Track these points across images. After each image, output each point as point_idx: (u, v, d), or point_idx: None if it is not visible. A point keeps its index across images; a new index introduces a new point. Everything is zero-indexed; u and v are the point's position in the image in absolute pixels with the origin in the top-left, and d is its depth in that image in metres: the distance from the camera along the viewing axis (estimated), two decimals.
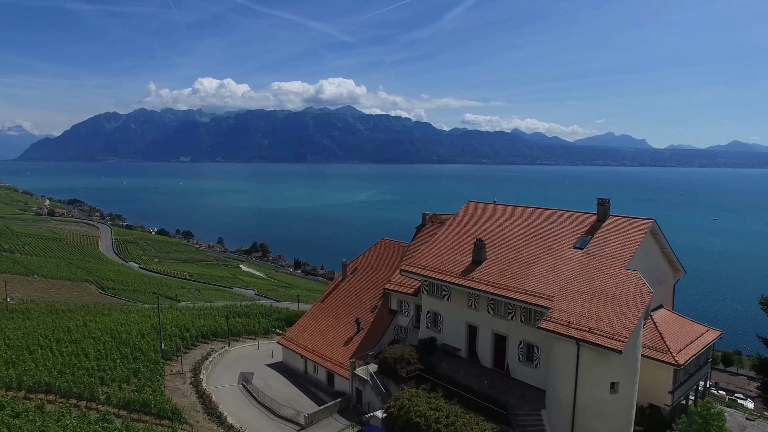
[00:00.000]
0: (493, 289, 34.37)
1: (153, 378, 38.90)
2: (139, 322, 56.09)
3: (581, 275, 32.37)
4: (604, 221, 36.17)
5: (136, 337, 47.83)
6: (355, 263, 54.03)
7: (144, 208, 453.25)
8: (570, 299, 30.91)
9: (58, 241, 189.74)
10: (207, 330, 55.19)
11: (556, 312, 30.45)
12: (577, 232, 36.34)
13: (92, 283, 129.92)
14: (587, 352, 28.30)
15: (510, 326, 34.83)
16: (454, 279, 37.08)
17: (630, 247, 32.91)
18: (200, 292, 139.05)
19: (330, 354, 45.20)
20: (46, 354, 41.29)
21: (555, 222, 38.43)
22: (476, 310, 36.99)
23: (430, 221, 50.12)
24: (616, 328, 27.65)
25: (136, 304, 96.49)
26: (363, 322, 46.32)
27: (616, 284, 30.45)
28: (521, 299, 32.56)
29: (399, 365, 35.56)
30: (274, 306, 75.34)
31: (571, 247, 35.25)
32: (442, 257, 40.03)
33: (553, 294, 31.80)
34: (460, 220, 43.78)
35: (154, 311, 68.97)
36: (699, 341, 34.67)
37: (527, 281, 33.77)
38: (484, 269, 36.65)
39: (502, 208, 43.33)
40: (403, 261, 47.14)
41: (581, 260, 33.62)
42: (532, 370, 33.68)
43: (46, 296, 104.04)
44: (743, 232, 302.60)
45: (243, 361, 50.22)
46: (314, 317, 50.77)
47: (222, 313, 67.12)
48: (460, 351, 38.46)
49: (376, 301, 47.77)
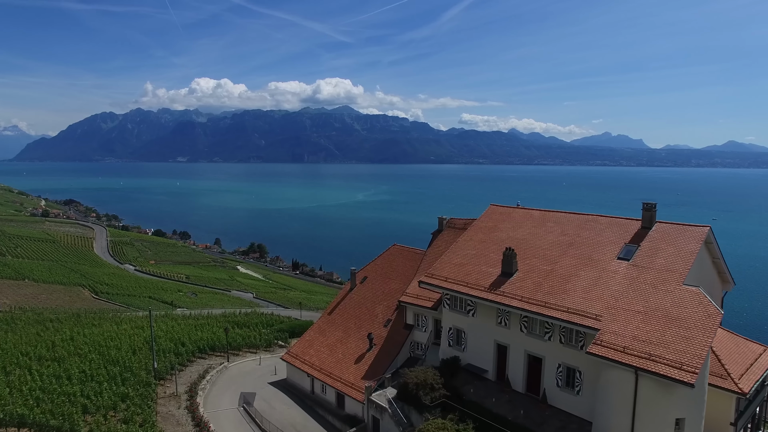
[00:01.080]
0: (529, 306, 30.36)
1: (143, 404, 34.74)
2: (130, 334, 51.94)
3: (631, 291, 28.39)
4: (649, 228, 32.23)
5: (126, 354, 43.68)
6: (364, 271, 50.00)
7: (141, 208, 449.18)
8: (622, 320, 26.94)
9: (51, 243, 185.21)
10: (204, 344, 51.06)
11: (607, 334, 26.48)
12: (620, 241, 32.37)
13: (85, 287, 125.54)
14: (648, 383, 24.36)
15: (547, 347, 30.85)
16: (482, 293, 33.09)
17: (685, 258, 28.95)
18: (197, 296, 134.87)
19: (339, 373, 41.16)
20: (23, 376, 37.03)
21: (593, 229, 34.47)
22: (506, 328, 33.02)
23: (448, 226, 46.09)
24: (683, 355, 23.70)
25: (129, 311, 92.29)
26: (376, 338, 42.29)
27: (676, 302, 26.49)
28: (564, 318, 28.56)
29: (422, 391, 31.56)
30: (275, 314, 71.22)
31: (615, 257, 31.28)
32: (465, 268, 36.04)
33: (600, 313, 27.82)
34: (484, 225, 39.77)
35: (148, 321, 64.91)
36: (759, 363, 30.73)
37: (568, 297, 29.80)
38: (515, 282, 32.68)
39: (529, 212, 39.37)
40: (420, 269, 43.27)
41: (629, 273, 29.66)
42: (573, 398, 29.69)
43: (36, 302, 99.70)
44: (745, 232, 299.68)
45: (244, 379, 46.17)
46: (321, 331, 46.70)
47: (220, 322, 63.18)
48: (487, 373, 34.50)
49: (390, 314, 43.73)
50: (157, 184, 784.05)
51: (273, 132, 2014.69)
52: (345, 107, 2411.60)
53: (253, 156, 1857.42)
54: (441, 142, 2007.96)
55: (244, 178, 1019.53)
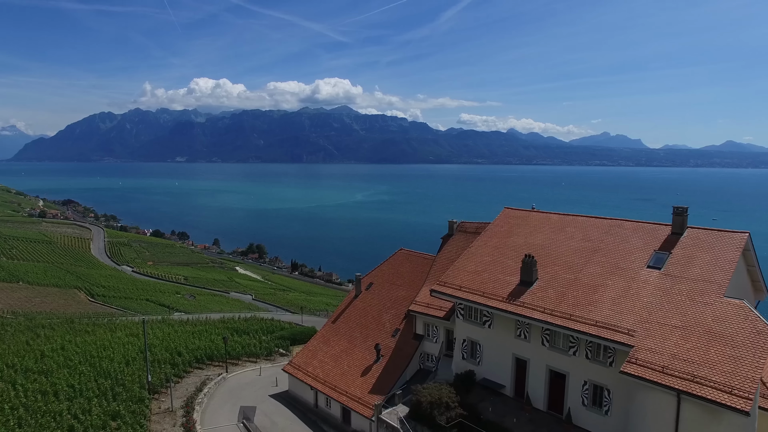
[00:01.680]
0: (553, 319, 28.04)
1: (136, 423, 32.34)
2: (125, 342, 49.54)
3: (666, 303, 26.07)
4: (681, 234, 29.91)
5: (119, 366, 41.23)
6: (369, 277, 47.60)
7: (139, 208, 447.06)
8: (658, 335, 24.62)
9: (47, 244, 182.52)
10: (202, 353, 48.63)
11: (642, 352, 24.16)
12: (648, 248, 30.06)
13: (81, 289, 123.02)
14: (692, 407, 22.05)
15: (571, 362, 28.52)
16: (500, 304, 30.75)
17: (725, 267, 26.61)
18: (195, 298, 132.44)
19: (345, 386, 38.79)
20: (7, 392, 34.52)
21: (617, 234, 32.15)
22: (526, 341, 30.69)
23: (458, 230, 43.71)
24: (733, 378, 21.40)
25: (126, 315, 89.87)
26: (383, 348, 39.92)
27: (718, 317, 24.17)
28: (593, 333, 26.23)
29: (436, 410, 29.20)
30: (275, 320, 68.78)
31: (645, 266, 28.94)
32: (481, 276, 33.71)
33: (633, 327, 25.49)
34: (498, 230, 37.44)
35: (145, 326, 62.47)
36: None
37: (595, 309, 27.47)
38: (536, 292, 30.35)
39: (547, 216, 37.04)
40: (430, 276, 40.92)
41: (661, 284, 27.33)
42: (601, 418, 27.35)
43: (30, 306, 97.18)
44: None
45: (243, 392, 43.75)
46: (325, 340, 44.32)
47: (218, 329, 60.86)
48: (505, 388, 32.18)
49: (398, 323, 41.37)
50: (155, 184, 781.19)
51: (272, 132, 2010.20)
52: (344, 107, 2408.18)
53: (251, 156, 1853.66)
54: (440, 142, 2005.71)
55: (242, 178, 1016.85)
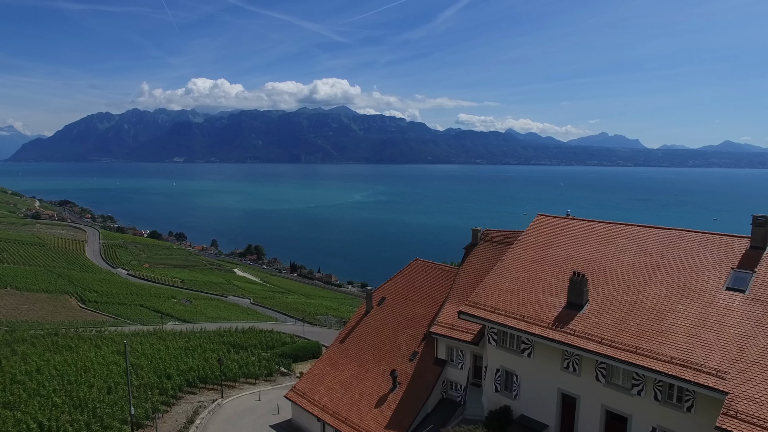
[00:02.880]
0: (615, 353, 23.14)
1: None
2: (109, 363, 44.59)
3: (761, 336, 21.24)
4: (764, 249, 25.04)
5: (98, 395, 36.26)
6: (381, 291, 42.62)
7: (136, 209, 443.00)
8: (758, 380, 19.75)
9: (40, 247, 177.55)
10: (194, 375, 43.68)
11: (741, 402, 19.29)
12: (723, 265, 25.18)
13: (72, 295, 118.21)
14: None
15: (635, 404, 23.65)
16: (546, 332, 25.85)
17: None
18: (191, 303, 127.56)
19: (357, 419, 33.88)
20: None
21: (681, 248, 27.24)
22: (576, 375, 25.82)
23: (483, 239, 38.79)
24: None
25: (116, 324, 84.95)
26: (400, 375, 35.05)
27: None
28: (671, 374, 21.38)
29: None
30: (276, 332, 63.81)
31: (723, 287, 24.08)
32: (518, 296, 28.83)
33: (722, 368, 20.67)
34: (534, 241, 32.56)
35: (135, 338, 57.65)
36: None
37: (667, 342, 22.60)
38: (589, 317, 25.47)
39: (591, 225, 32.14)
40: (453, 291, 35.98)
41: (749, 310, 22.44)
42: None
43: (16, 314, 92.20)
44: (746, 232, 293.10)
45: (241, 420, 38.85)
46: (332, 363, 39.39)
47: (214, 343, 56.01)
48: (548, 429, 27.33)
49: (416, 345, 36.46)
50: (153, 184, 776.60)
51: (270, 132, 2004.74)
52: (342, 107, 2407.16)
53: (250, 156, 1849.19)
54: (438, 142, 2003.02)
55: (241, 178, 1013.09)
